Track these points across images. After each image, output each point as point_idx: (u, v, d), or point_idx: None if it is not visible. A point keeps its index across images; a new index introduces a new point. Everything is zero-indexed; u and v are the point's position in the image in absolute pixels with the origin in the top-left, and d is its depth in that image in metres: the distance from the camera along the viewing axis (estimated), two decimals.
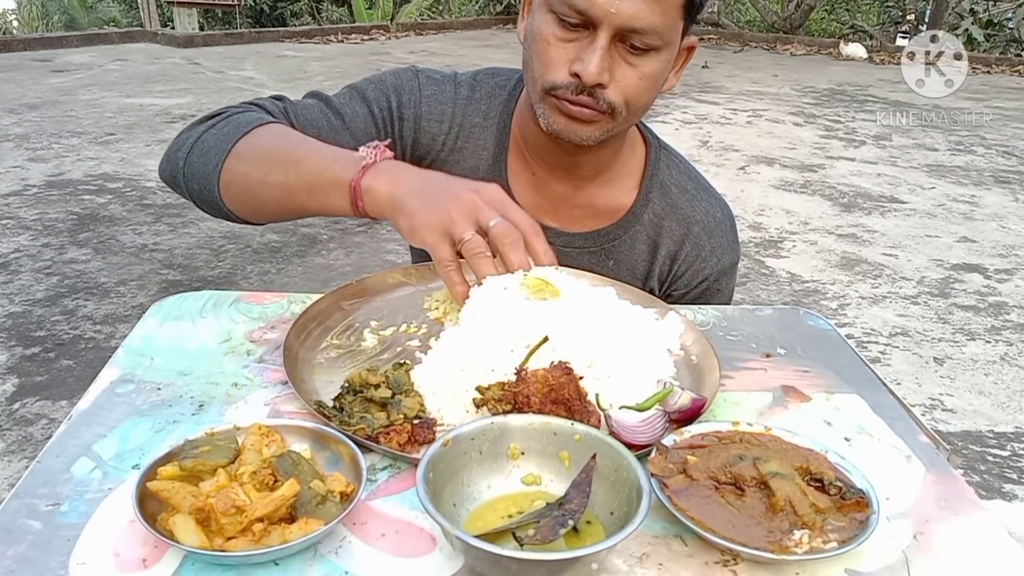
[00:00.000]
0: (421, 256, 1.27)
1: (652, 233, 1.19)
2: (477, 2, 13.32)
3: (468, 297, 0.86)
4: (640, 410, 0.75)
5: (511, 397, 0.73)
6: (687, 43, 1.07)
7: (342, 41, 10.82)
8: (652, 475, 0.65)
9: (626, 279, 1.11)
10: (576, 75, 0.98)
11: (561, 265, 0.91)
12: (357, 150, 0.95)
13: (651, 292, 1.18)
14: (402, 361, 0.84)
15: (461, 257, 0.86)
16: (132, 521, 0.61)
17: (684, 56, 1.09)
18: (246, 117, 1.06)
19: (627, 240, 1.19)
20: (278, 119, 1.09)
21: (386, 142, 0.95)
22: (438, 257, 0.85)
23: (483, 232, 0.85)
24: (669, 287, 1.23)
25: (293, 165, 0.96)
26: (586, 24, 0.96)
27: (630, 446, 0.68)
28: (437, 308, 0.98)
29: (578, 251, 1.18)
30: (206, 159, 1.03)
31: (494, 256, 0.86)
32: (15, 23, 11.36)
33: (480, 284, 0.86)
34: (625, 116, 1.03)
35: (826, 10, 12.96)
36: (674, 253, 1.20)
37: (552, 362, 0.76)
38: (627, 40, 0.97)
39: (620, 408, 0.75)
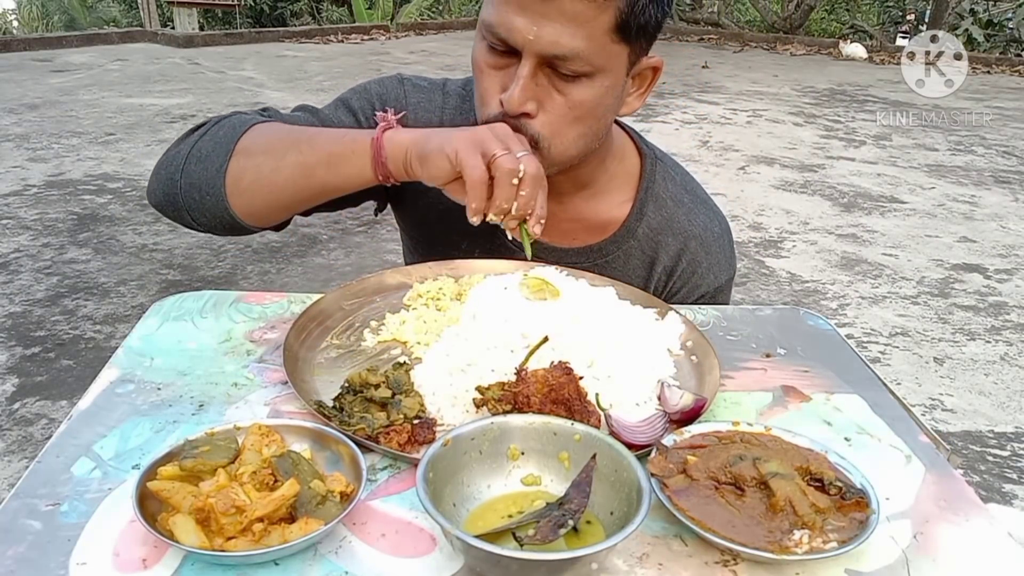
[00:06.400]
0: (414, 257, 1.26)
1: (648, 248, 1.16)
2: (477, 2, 13.32)
3: (481, 219, 0.89)
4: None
5: (511, 397, 0.73)
6: (650, 63, 1.01)
7: (342, 41, 10.82)
8: (652, 475, 0.65)
9: None
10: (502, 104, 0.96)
11: None
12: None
13: None
14: (402, 361, 0.84)
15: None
16: (132, 521, 0.61)
17: (650, 77, 1.04)
18: (239, 119, 1.04)
19: (621, 256, 1.15)
20: (271, 119, 1.08)
21: (401, 114, 0.99)
22: (472, 175, 0.86)
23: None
24: None
25: (307, 144, 0.98)
26: (512, 51, 0.93)
27: (630, 446, 0.68)
28: (413, 302, 0.98)
29: (571, 267, 1.16)
30: (206, 163, 1.00)
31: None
32: (15, 23, 11.36)
33: (490, 219, 0.89)
34: (552, 149, 0.98)
35: (826, 10, 12.95)
36: (670, 269, 1.17)
37: (552, 362, 0.76)
38: (554, 66, 0.93)
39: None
